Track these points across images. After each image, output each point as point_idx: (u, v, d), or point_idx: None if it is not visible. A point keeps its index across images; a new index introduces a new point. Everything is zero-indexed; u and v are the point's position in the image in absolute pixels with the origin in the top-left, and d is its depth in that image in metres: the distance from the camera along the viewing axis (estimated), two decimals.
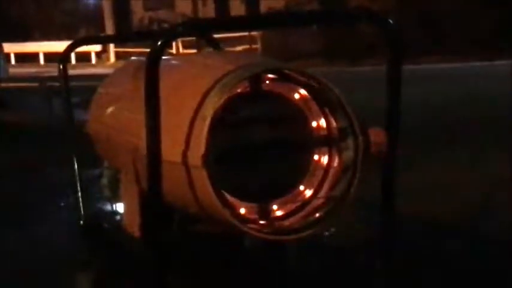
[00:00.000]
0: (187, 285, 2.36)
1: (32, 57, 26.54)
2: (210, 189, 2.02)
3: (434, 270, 2.84)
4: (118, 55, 25.28)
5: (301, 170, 2.27)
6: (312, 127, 2.25)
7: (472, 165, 4.96)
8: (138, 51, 14.27)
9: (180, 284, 2.35)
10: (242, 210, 2.17)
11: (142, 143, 2.14)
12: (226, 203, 2.10)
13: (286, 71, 2.17)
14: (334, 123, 2.22)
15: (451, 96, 9.46)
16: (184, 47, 20.81)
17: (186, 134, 2.07)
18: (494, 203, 3.85)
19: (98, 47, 25.56)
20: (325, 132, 2.24)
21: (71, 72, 3.33)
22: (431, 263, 2.91)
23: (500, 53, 14.69)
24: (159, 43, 1.98)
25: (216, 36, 3.26)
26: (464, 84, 11.12)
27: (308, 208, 2.24)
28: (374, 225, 2.33)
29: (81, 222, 3.17)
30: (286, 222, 2.21)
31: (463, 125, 6.92)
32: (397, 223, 2.27)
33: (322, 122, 2.24)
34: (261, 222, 2.19)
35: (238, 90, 2.14)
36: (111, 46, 25.49)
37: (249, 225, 2.12)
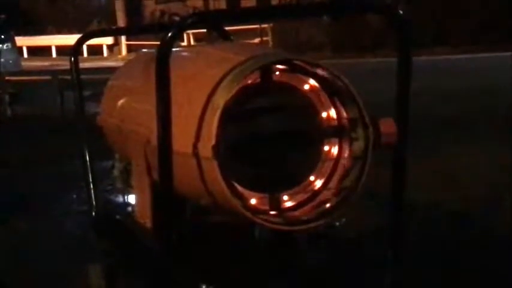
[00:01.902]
0: (197, 276, 2.37)
1: (45, 51, 26.61)
2: (220, 180, 2.02)
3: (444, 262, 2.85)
4: (130, 48, 25.33)
5: (312, 160, 2.27)
6: (322, 118, 2.25)
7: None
8: (150, 44, 14.29)
9: (190, 275, 2.36)
10: (253, 201, 2.17)
11: (153, 135, 2.15)
12: (237, 194, 2.11)
13: (297, 62, 2.17)
14: (344, 114, 2.22)
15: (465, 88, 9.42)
16: (196, 40, 20.80)
17: (196, 125, 2.07)
18: None
19: (109, 40, 25.61)
20: (335, 123, 2.24)
21: (83, 65, 3.34)
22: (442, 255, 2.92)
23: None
24: (170, 34, 1.98)
25: (226, 28, 3.26)
26: (474, 76, 11.07)
27: (318, 199, 2.24)
28: (384, 216, 2.34)
29: (93, 213, 3.19)
30: (297, 213, 2.21)
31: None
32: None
33: (332, 113, 2.24)
34: (272, 212, 2.19)
35: (249, 81, 2.14)
36: (123, 39, 25.53)
37: (259, 216, 2.13)
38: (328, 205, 2.21)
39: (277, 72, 2.19)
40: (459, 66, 13.43)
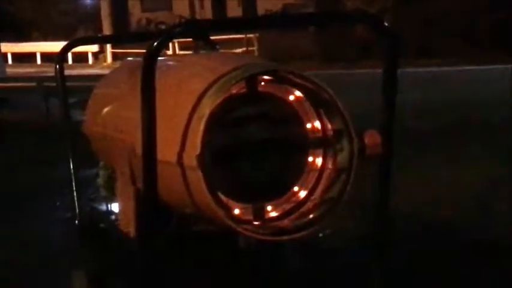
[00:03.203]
0: (182, 286, 2.37)
1: (30, 57, 26.51)
2: (205, 190, 2.02)
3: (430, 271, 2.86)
4: (115, 56, 25.26)
5: (296, 171, 2.28)
6: (307, 129, 2.26)
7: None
8: (135, 52, 14.26)
9: (175, 284, 2.35)
10: (236, 211, 2.17)
11: (138, 143, 2.14)
12: (221, 204, 2.11)
13: (282, 73, 2.18)
14: (329, 125, 2.22)
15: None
16: (182, 49, 20.79)
17: (181, 135, 2.07)
18: None
19: (95, 48, 25.55)
20: (320, 134, 2.25)
21: (68, 72, 3.33)
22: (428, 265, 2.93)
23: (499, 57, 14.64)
24: (156, 43, 1.98)
25: (212, 38, 3.26)
26: (463, 89, 11.13)
27: (302, 209, 2.24)
28: (369, 227, 2.34)
29: (76, 221, 3.17)
30: (281, 223, 2.21)
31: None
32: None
33: (317, 124, 2.24)
34: (256, 223, 2.19)
35: (235, 91, 2.14)
36: (108, 47, 25.48)
37: (243, 225, 2.13)
38: (311, 216, 2.21)
39: (263, 83, 2.20)
40: (444, 79, 13.52)
